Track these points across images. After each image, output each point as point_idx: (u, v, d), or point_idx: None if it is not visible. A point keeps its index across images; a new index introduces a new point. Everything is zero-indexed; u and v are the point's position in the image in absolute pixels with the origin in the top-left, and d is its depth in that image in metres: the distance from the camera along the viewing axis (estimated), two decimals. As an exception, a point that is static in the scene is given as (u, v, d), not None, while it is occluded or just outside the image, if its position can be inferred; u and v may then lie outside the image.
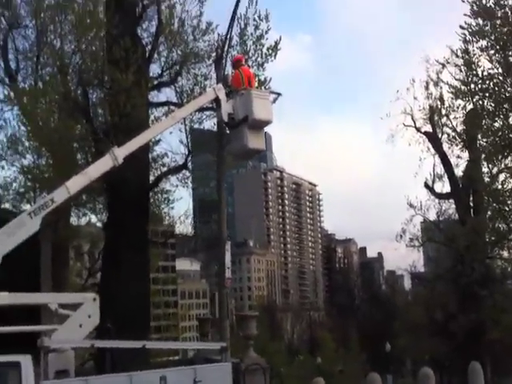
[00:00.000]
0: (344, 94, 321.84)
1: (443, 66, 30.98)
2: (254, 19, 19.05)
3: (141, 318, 18.71)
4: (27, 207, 22.69)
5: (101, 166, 12.76)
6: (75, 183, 12.27)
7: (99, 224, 30.46)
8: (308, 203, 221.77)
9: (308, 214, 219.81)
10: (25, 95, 20.04)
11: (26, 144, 22.00)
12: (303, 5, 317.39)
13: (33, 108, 18.99)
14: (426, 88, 35.29)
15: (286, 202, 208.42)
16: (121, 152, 12.74)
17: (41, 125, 18.84)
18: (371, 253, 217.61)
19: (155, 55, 19.81)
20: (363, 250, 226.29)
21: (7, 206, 24.89)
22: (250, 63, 18.94)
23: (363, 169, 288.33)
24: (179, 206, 26.95)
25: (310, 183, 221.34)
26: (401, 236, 38.01)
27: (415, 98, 36.03)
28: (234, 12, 16.25)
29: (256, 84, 17.28)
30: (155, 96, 20.70)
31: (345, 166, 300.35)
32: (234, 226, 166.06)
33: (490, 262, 35.02)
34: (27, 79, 23.35)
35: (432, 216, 38.94)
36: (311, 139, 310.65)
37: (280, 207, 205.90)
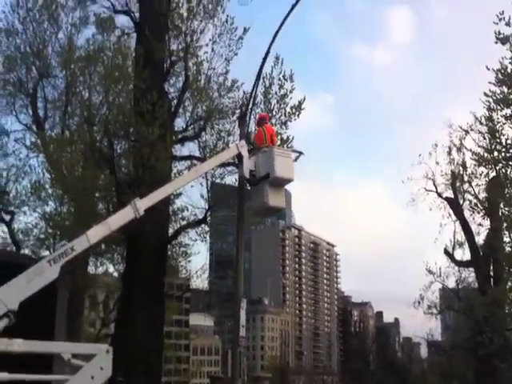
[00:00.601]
0: (365, 155, 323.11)
1: (466, 132, 31.12)
2: (279, 78, 19.37)
3: (152, 373, 18.44)
4: (46, 254, 22.82)
5: (122, 216, 12.73)
6: (96, 233, 12.25)
7: (116, 274, 30.57)
8: (325, 263, 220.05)
9: (325, 275, 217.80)
10: (51, 143, 20.40)
11: (50, 191, 22.35)
12: (326, 64, 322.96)
13: (58, 156, 19.28)
14: (449, 153, 35.36)
15: (303, 260, 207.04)
16: (142, 204, 12.72)
17: (65, 173, 19.10)
18: (388, 318, 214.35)
19: (180, 110, 20.12)
20: (380, 314, 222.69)
21: (27, 251, 25.09)
22: (273, 121, 19.14)
23: (382, 231, 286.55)
24: (196, 259, 26.95)
25: (328, 243, 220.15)
26: (419, 302, 37.41)
27: (437, 163, 36.06)
28: (260, 71, 16.45)
29: (278, 142, 17.45)
30: (179, 150, 20.92)
31: (364, 227, 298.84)
32: (250, 283, 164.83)
33: (510, 334, 34.23)
34: (54, 128, 23.94)
35: (451, 283, 38.39)
36: (331, 199, 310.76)
37: (297, 266, 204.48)
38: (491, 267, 34.61)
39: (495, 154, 23.87)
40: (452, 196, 35.99)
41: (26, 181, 24.62)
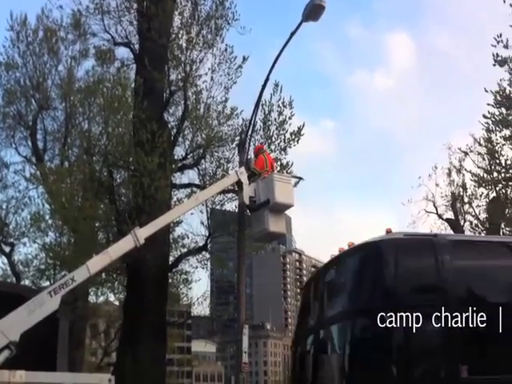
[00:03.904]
0: (365, 179, 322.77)
1: (466, 154, 31.16)
2: (278, 105, 19.53)
3: (155, 402, 18.30)
4: (47, 284, 22.75)
5: (122, 246, 12.70)
6: (96, 263, 12.23)
7: (117, 302, 30.46)
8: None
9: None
10: (51, 174, 20.44)
11: (49, 222, 22.30)
12: (326, 91, 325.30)
13: (58, 187, 19.30)
14: (449, 175, 35.25)
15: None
16: (143, 232, 12.71)
17: (65, 203, 19.09)
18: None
19: (180, 138, 20.18)
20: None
21: (27, 282, 25.00)
22: (272, 147, 19.26)
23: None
24: (197, 286, 26.91)
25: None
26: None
27: (437, 185, 35.97)
28: (259, 98, 16.52)
29: (278, 168, 17.51)
30: (178, 178, 20.97)
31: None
32: (252, 308, 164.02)
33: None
34: (54, 159, 24.00)
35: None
36: (332, 222, 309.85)
37: (298, 290, 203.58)
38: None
39: (495, 174, 24.02)
40: (453, 217, 35.90)
41: (26, 212, 24.57)
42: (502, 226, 25.88)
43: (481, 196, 29.55)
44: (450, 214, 35.91)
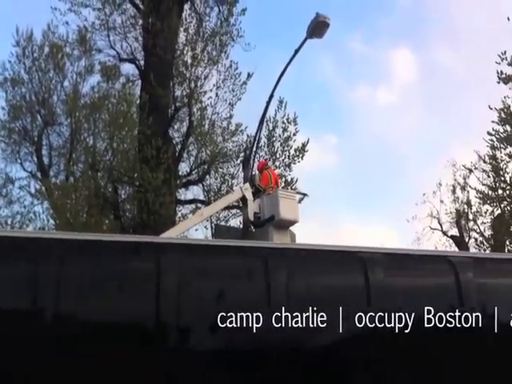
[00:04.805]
0: (368, 194, 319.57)
1: (470, 171, 31.10)
2: (283, 122, 19.60)
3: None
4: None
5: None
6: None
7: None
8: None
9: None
10: (56, 190, 20.41)
11: (54, 238, 22.20)
12: (330, 106, 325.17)
13: (63, 203, 19.26)
14: (453, 192, 35.07)
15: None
16: (147, 249, 12.63)
17: (70, 219, 19.04)
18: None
19: (185, 154, 20.19)
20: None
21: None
22: (277, 164, 19.25)
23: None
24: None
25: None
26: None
27: (442, 202, 35.83)
28: (264, 115, 16.55)
29: (282, 184, 17.47)
30: (183, 194, 20.95)
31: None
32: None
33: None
34: (59, 174, 23.89)
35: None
36: (336, 239, 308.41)
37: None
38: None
39: (499, 191, 23.97)
40: (457, 234, 35.69)
41: (31, 228, 24.53)
42: (507, 242, 25.73)
43: (485, 213, 29.42)
44: (454, 231, 35.61)
